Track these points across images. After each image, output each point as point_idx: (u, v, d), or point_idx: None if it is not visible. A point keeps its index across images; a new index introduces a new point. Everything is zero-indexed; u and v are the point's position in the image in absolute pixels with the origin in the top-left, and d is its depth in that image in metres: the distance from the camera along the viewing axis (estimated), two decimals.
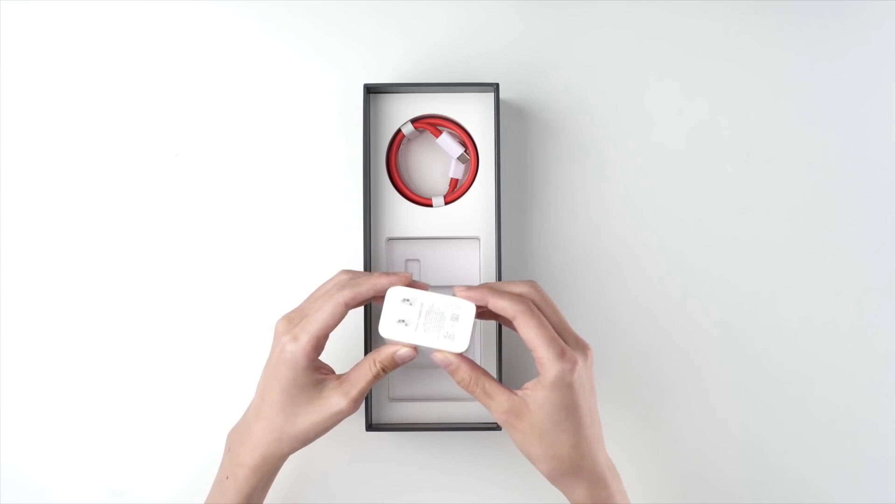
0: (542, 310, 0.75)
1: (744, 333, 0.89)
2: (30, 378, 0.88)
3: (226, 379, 0.87)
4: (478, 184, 0.87)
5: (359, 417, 0.85)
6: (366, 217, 0.85)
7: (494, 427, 0.85)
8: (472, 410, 0.86)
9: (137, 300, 0.88)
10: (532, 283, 0.77)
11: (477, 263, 0.87)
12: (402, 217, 0.87)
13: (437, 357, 0.75)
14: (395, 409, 0.87)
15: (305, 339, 0.74)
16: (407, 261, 0.87)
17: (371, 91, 0.86)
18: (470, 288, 0.76)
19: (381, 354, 0.76)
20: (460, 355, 0.75)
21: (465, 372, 0.75)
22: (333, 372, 0.78)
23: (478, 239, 0.87)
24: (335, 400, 0.75)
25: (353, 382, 0.76)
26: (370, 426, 0.85)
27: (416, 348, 0.75)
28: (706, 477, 0.89)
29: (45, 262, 0.88)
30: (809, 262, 0.89)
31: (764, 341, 0.89)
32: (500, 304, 0.74)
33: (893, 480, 0.89)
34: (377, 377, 0.76)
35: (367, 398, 0.84)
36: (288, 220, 0.89)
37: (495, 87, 0.85)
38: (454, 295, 0.75)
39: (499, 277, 0.84)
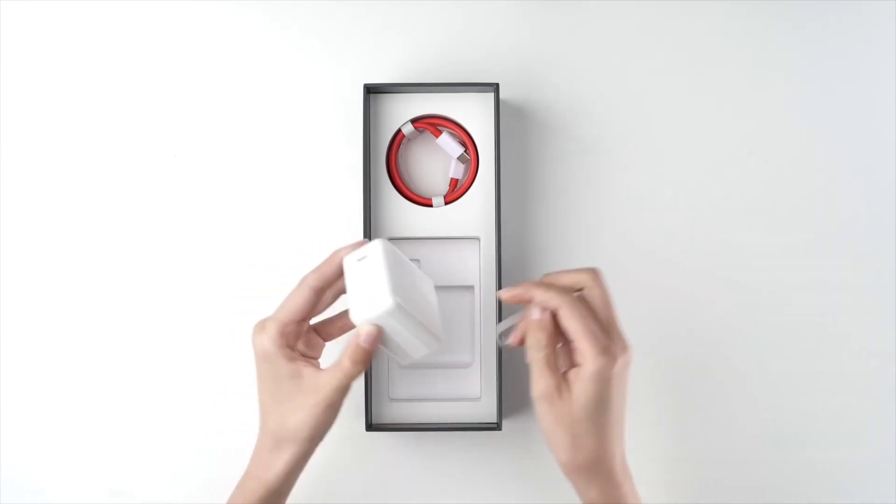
0: (592, 301, 0.74)
1: (743, 333, 0.89)
2: (30, 378, 0.88)
3: (226, 379, 0.87)
4: (478, 184, 0.87)
5: (359, 417, 0.85)
6: (366, 217, 0.85)
7: (494, 427, 0.84)
8: (472, 410, 0.86)
9: (137, 300, 0.88)
10: (590, 271, 0.75)
11: (477, 263, 0.87)
12: (402, 217, 0.87)
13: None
14: (395, 409, 0.87)
15: (272, 325, 0.75)
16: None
17: (371, 91, 0.86)
18: (513, 287, 0.75)
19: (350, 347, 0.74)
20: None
21: (541, 336, 0.74)
22: (317, 364, 0.77)
23: (478, 239, 0.87)
24: (318, 381, 0.74)
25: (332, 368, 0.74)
26: (370, 426, 0.85)
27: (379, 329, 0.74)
28: (705, 477, 0.89)
29: (45, 261, 0.88)
30: (809, 261, 0.89)
31: (763, 341, 0.89)
32: (543, 297, 0.74)
33: (893, 480, 0.89)
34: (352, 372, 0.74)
35: (366, 398, 0.84)
36: (288, 220, 0.89)
37: (495, 87, 0.85)
38: (500, 297, 0.76)
39: (499, 277, 0.84)
